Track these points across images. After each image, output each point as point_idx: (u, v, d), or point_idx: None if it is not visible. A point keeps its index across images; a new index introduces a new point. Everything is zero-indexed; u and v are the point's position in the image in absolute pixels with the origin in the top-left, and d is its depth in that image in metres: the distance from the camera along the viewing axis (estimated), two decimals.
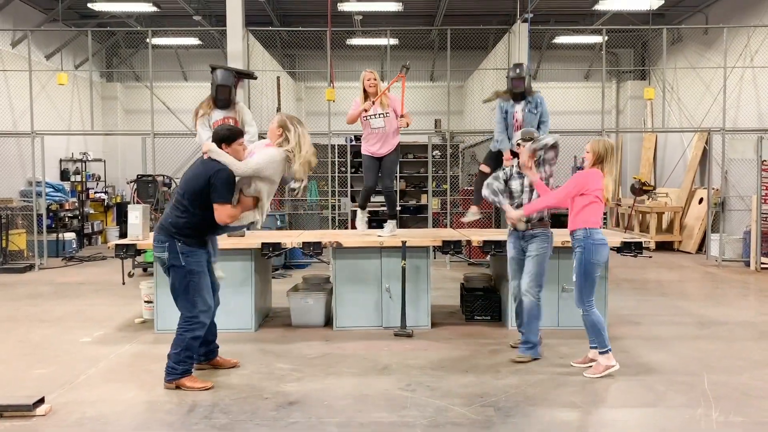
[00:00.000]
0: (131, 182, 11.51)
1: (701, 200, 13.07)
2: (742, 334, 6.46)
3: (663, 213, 13.74)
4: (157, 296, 6.47)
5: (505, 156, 6.84)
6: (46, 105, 13.33)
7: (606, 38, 12.36)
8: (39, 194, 11.57)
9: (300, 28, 13.75)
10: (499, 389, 4.78)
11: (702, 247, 12.80)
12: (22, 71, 11.92)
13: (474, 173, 13.38)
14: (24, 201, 12.25)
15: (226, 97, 6.96)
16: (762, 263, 10.60)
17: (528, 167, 5.41)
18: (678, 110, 14.42)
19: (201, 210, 4.77)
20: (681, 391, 4.72)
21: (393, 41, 14.50)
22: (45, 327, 6.88)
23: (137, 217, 6.52)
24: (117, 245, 6.44)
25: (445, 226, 12.01)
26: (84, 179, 14.52)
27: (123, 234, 13.70)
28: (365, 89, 6.74)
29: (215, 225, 4.86)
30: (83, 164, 14.60)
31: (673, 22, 14.96)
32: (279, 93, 12.96)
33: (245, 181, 4.89)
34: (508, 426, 4.13)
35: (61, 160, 14.49)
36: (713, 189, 12.01)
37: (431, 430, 4.06)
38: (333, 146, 12.65)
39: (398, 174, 15.55)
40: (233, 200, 4.86)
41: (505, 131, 7.02)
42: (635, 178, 13.66)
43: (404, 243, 6.40)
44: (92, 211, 14.96)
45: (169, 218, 4.85)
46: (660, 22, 14.44)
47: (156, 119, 11.68)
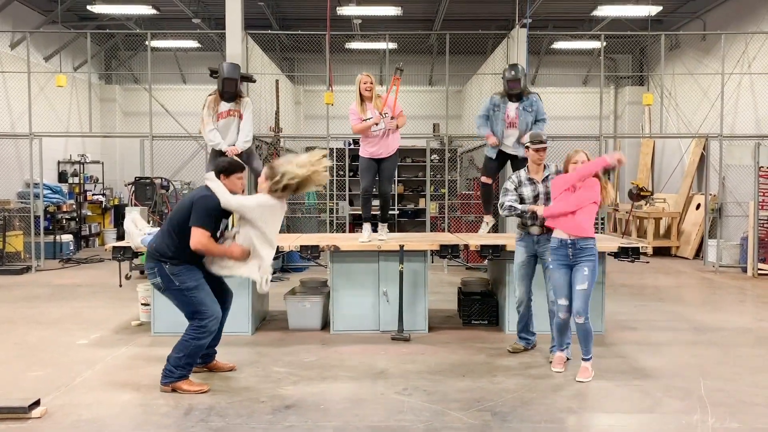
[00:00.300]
0: (129, 184, 11.50)
1: (699, 206, 13.09)
2: (739, 340, 6.47)
3: (660, 218, 13.76)
4: (154, 299, 6.45)
5: (487, 136, 6.92)
6: (45, 107, 13.33)
7: (604, 44, 12.40)
8: (36, 196, 11.55)
9: (299, 32, 13.77)
10: (496, 394, 4.78)
11: (699, 253, 12.81)
12: (21, 73, 11.92)
13: (472, 178, 13.41)
14: (21, 203, 12.23)
15: (233, 90, 7.05)
16: (759, 269, 10.61)
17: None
18: (676, 116, 14.45)
19: (184, 237, 4.73)
20: (677, 397, 4.72)
21: (392, 45, 14.53)
22: (41, 329, 6.86)
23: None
24: (114, 247, 6.44)
25: (443, 230, 12.01)
26: (82, 181, 14.50)
27: (120, 236, 13.69)
28: (361, 93, 6.73)
29: (200, 256, 4.85)
30: (81, 166, 14.58)
31: (671, 29, 15.01)
32: (278, 96, 12.96)
33: (241, 230, 4.88)
34: (505, 431, 4.13)
35: (59, 162, 14.48)
36: (711, 195, 12.03)
37: None
38: (331, 150, 12.65)
39: (396, 178, 15.57)
40: (224, 242, 4.88)
41: (485, 119, 7.02)
42: (633, 184, 13.66)
43: (402, 247, 6.40)
44: (90, 213, 14.95)
45: (155, 244, 4.88)
46: (658, 28, 14.50)
47: (154, 122, 11.67)
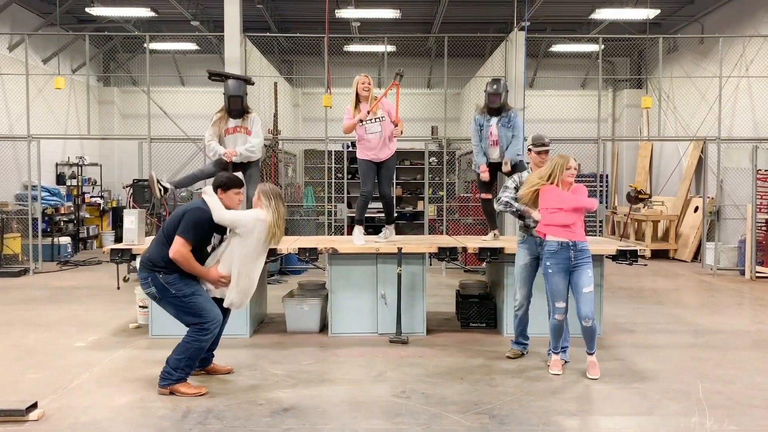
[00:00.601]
0: (127, 187, 11.49)
1: (697, 209, 13.11)
2: (737, 343, 6.47)
3: (658, 221, 13.77)
4: (152, 302, 6.44)
5: (482, 169, 7.06)
6: (43, 109, 13.32)
7: (602, 47, 12.42)
8: (35, 198, 11.53)
9: (298, 34, 13.78)
10: (494, 396, 4.78)
11: (697, 256, 12.82)
12: (19, 75, 11.91)
13: (470, 180, 13.43)
14: (19, 205, 12.21)
15: (239, 107, 7.00)
16: (757, 272, 10.62)
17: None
18: (674, 119, 14.47)
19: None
20: (676, 400, 4.72)
21: (390, 48, 14.52)
22: (39, 331, 6.85)
23: (133, 222, 6.50)
24: (112, 250, 6.43)
25: (441, 233, 12.01)
26: (80, 183, 14.48)
27: (118, 239, 13.68)
28: (358, 93, 6.75)
29: (196, 256, 4.83)
30: (79, 168, 14.56)
31: (669, 32, 15.04)
32: (276, 99, 12.97)
33: (227, 249, 4.88)
34: None
35: (57, 164, 14.46)
36: (709, 198, 12.05)
37: None
38: (330, 152, 12.65)
39: (395, 180, 15.58)
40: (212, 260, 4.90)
41: (480, 145, 7.12)
42: (631, 187, 13.66)
43: (400, 249, 6.41)
44: (88, 216, 14.94)
45: (147, 254, 4.90)
46: (656, 32, 14.52)
47: (153, 124, 11.67)
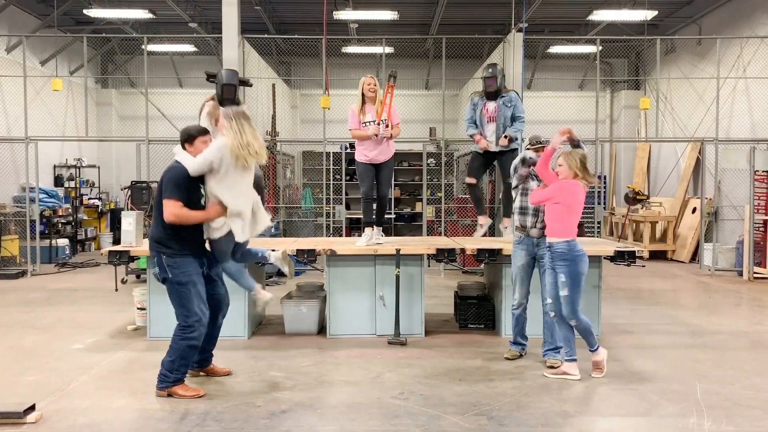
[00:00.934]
0: (125, 189, 11.47)
1: (694, 210, 13.13)
2: (735, 344, 6.48)
3: (656, 222, 13.79)
4: (150, 303, 6.45)
5: (476, 139, 7.05)
6: (41, 111, 13.30)
7: (600, 48, 12.43)
8: (32, 200, 11.52)
9: (295, 36, 13.77)
10: (492, 398, 4.78)
11: (695, 257, 12.84)
12: (17, 77, 11.89)
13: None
14: (17, 207, 12.19)
15: (232, 96, 7.00)
16: (755, 273, 10.64)
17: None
18: (671, 120, 14.49)
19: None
20: (673, 401, 4.73)
21: (388, 50, 14.53)
22: (37, 333, 6.84)
23: (131, 224, 6.50)
24: (110, 252, 6.42)
25: (440, 234, 12.02)
26: (78, 185, 14.47)
27: (116, 240, 13.65)
28: (364, 94, 6.76)
29: (191, 232, 4.85)
30: (77, 170, 14.56)
31: (667, 33, 15.06)
32: (274, 100, 12.97)
33: (208, 187, 4.85)
34: None
35: (55, 166, 14.45)
36: (706, 199, 12.07)
37: None
38: (328, 153, 12.66)
39: (393, 181, 15.57)
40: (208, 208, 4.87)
41: (474, 122, 7.14)
42: (629, 188, 13.72)
43: (398, 251, 6.41)
44: (86, 218, 14.91)
45: (151, 233, 4.91)
46: (654, 33, 14.53)
47: (151, 126, 11.66)
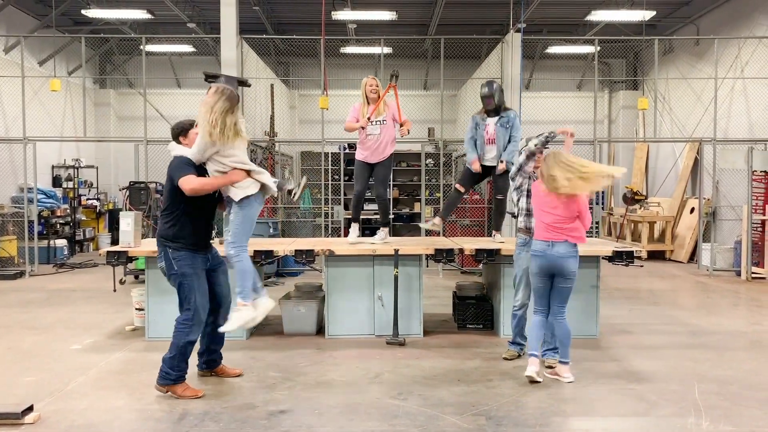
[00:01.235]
0: (123, 189, 11.48)
1: (693, 210, 13.14)
2: (733, 344, 6.48)
3: (655, 222, 13.81)
4: (149, 304, 6.44)
5: (474, 167, 7.07)
6: (39, 111, 13.29)
7: (598, 48, 12.44)
8: (30, 200, 11.51)
9: (294, 36, 13.78)
10: (491, 398, 4.78)
11: (693, 257, 12.85)
12: (15, 77, 11.88)
13: None
14: (15, 207, 12.17)
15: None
16: (753, 273, 10.65)
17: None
18: (669, 120, 14.51)
19: (182, 204, 4.80)
20: (672, 401, 4.73)
21: (387, 50, 14.56)
22: (35, 334, 6.83)
23: (129, 224, 6.49)
24: (108, 252, 6.41)
25: (438, 235, 11.99)
26: (76, 186, 14.47)
27: (115, 241, 13.66)
28: (367, 95, 6.78)
29: (202, 222, 4.92)
30: (75, 171, 14.55)
31: (665, 33, 15.09)
32: (272, 101, 12.97)
33: (214, 161, 4.83)
34: None
35: (54, 167, 14.44)
36: (704, 199, 12.08)
37: None
38: (326, 154, 12.66)
39: (391, 182, 15.57)
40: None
41: (473, 143, 7.15)
42: (627, 188, 13.74)
43: (397, 251, 6.41)
44: (84, 218, 14.91)
45: (159, 230, 4.97)
46: (652, 33, 14.55)
47: (149, 126, 11.66)
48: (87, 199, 15.09)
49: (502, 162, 6.92)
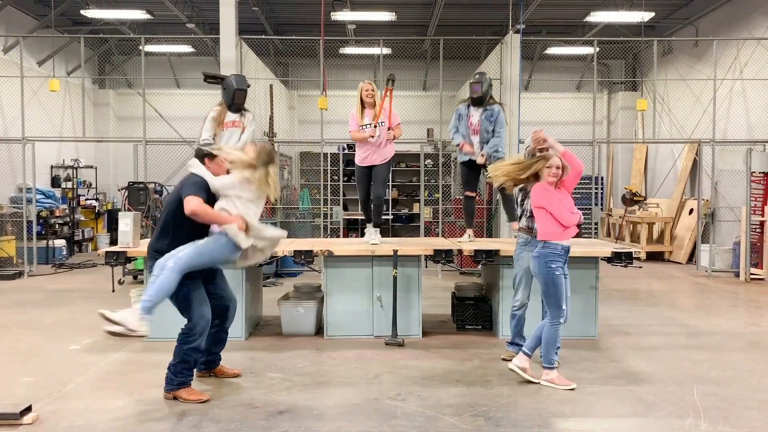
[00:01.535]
0: (122, 189, 11.47)
1: (691, 211, 13.15)
2: (732, 345, 6.49)
3: (654, 223, 13.82)
4: None
5: (465, 150, 7.13)
6: (38, 111, 13.28)
7: (597, 49, 12.47)
8: (29, 201, 11.50)
9: (293, 37, 13.78)
10: (489, 399, 4.78)
11: (692, 258, 12.86)
12: (14, 77, 11.87)
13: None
14: (14, 207, 12.17)
15: (242, 102, 7.08)
16: (751, 274, 10.66)
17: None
18: (668, 121, 14.53)
19: (180, 220, 4.75)
20: (670, 402, 4.74)
21: (386, 51, 14.55)
22: (33, 334, 6.83)
23: (128, 225, 6.49)
24: (107, 252, 6.41)
25: (437, 235, 12.02)
26: (75, 186, 14.46)
27: (113, 241, 13.64)
28: (363, 99, 6.81)
29: (196, 239, 4.82)
30: (74, 171, 14.54)
31: (664, 35, 15.10)
32: (272, 101, 12.96)
33: (226, 204, 4.83)
34: None
35: (52, 167, 14.43)
36: (703, 200, 12.08)
37: None
38: (325, 155, 12.66)
39: (390, 183, 15.59)
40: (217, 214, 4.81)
41: (457, 129, 7.24)
42: (626, 189, 13.75)
43: (396, 252, 6.41)
44: (83, 218, 14.90)
45: (152, 243, 4.93)
46: (651, 34, 14.57)
47: (148, 126, 11.65)
48: (86, 200, 15.08)
49: (482, 156, 6.99)
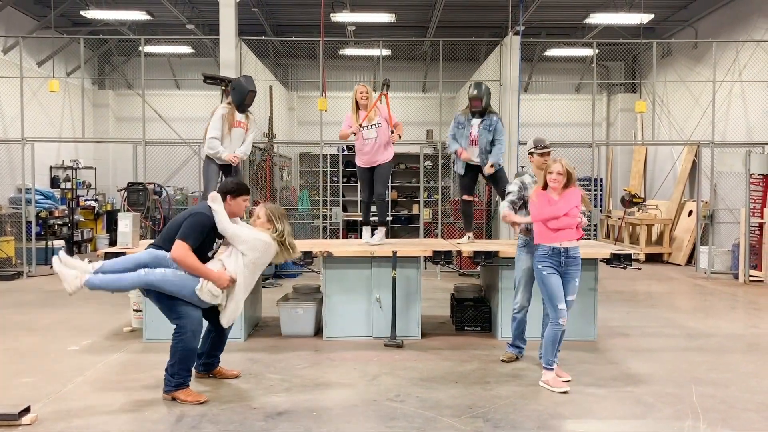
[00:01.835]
0: (122, 190, 11.48)
1: (690, 213, 13.16)
2: (731, 346, 6.49)
3: (653, 225, 13.82)
4: (146, 305, 6.42)
5: (463, 157, 7.16)
6: (37, 112, 13.28)
7: (597, 51, 12.48)
8: (28, 201, 11.50)
9: (293, 38, 13.79)
10: (489, 400, 4.78)
11: (691, 260, 12.87)
12: (14, 78, 11.88)
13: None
14: (13, 208, 12.17)
15: (251, 103, 7.11)
16: (750, 276, 10.66)
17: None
18: (668, 123, 14.54)
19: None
20: (669, 403, 4.74)
21: (386, 52, 14.57)
22: (32, 335, 6.82)
23: (127, 225, 6.50)
24: (106, 253, 6.40)
25: (436, 237, 12.02)
26: (74, 187, 14.43)
27: (113, 242, 13.63)
28: (357, 102, 6.85)
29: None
30: (74, 172, 14.52)
31: (663, 36, 15.12)
32: (271, 102, 12.97)
33: (233, 254, 4.83)
34: None
35: (52, 168, 14.43)
36: (702, 202, 12.09)
37: None
38: (325, 156, 12.67)
39: (390, 184, 15.58)
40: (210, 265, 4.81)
41: (455, 140, 7.27)
42: (625, 190, 13.74)
43: (395, 253, 6.41)
44: (82, 219, 14.87)
45: (155, 245, 4.92)
46: (650, 36, 14.59)
47: (147, 127, 11.65)
48: (85, 200, 15.05)
49: (492, 166, 7.07)
